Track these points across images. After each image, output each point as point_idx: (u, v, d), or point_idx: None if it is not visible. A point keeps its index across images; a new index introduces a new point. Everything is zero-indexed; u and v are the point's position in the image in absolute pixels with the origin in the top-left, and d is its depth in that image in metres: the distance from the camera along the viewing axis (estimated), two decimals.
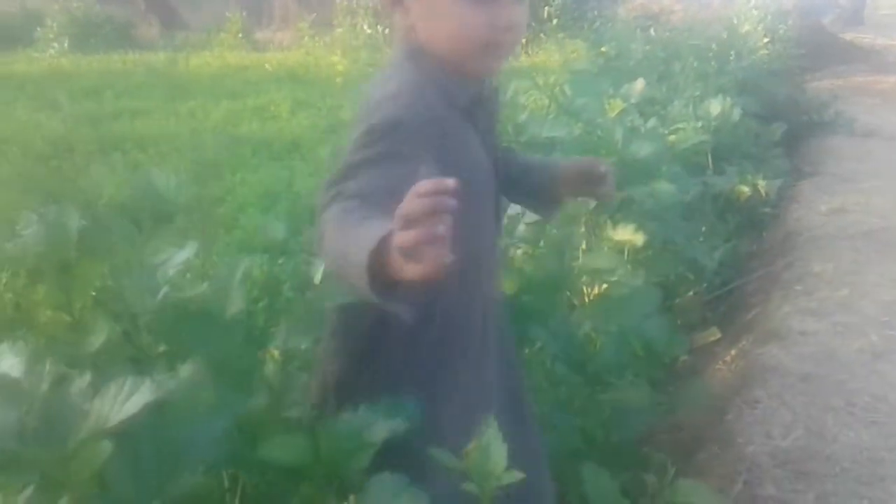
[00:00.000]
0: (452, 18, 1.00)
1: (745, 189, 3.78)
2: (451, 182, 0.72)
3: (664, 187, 2.63)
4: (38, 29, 12.44)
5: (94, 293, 1.52)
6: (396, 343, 1.14)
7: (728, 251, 3.24)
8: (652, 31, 7.20)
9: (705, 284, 3.04)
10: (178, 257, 1.33)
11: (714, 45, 5.54)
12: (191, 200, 1.45)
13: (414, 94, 1.04)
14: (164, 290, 1.29)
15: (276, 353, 1.77)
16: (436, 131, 1.02)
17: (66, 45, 11.87)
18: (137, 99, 7.49)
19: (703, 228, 3.33)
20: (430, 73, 1.06)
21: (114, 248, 1.37)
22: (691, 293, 2.97)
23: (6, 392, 0.90)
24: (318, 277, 1.65)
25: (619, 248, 2.57)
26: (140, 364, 1.39)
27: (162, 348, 1.54)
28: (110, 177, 4.77)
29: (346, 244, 0.87)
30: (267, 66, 9.87)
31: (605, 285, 2.26)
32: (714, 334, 2.78)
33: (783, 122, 4.95)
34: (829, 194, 3.94)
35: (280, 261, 3.20)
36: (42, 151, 5.31)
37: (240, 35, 13.15)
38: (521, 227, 2.09)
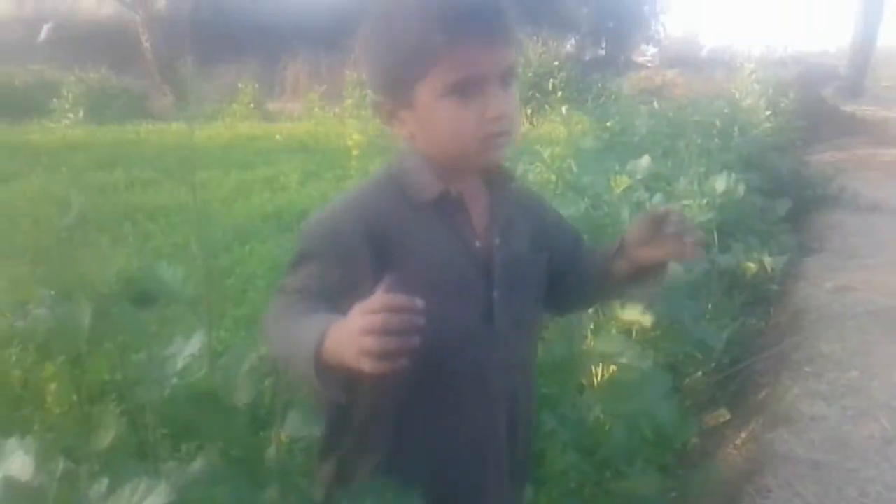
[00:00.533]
0: (444, 121, 1.04)
1: (752, 266, 3.79)
2: (419, 304, 0.80)
3: (671, 266, 2.63)
4: (54, 99, 12.73)
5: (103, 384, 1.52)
6: (383, 437, 1.16)
7: (736, 330, 3.23)
8: (655, 104, 7.35)
9: (714, 364, 3.03)
10: (187, 348, 1.34)
11: (717, 122, 5.64)
12: (198, 290, 1.47)
13: (356, 196, 1.13)
14: (173, 381, 1.30)
15: (283, 437, 1.77)
16: (371, 230, 1.06)
17: (81, 115, 12.13)
18: (150, 169, 7.61)
19: (710, 306, 3.33)
20: (400, 172, 1.12)
21: (124, 340, 1.39)
22: (700, 373, 2.95)
23: (19, 495, 0.90)
24: None
25: (627, 328, 2.58)
26: (147, 457, 1.39)
27: (170, 441, 1.53)
28: (121, 248, 4.83)
29: (291, 336, 0.95)
30: (277, 136, 10.06)
31: (614, 367, 2.26)
32: (723, 416, 2.75)
33: (787, 196, 5.00)
34: (835, 271, 3.95)
35: None
36: (55, 222, 5.37)
37: (251, 105, 13.46)
38: None
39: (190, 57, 16.01)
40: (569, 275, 1.29)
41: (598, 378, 2.24)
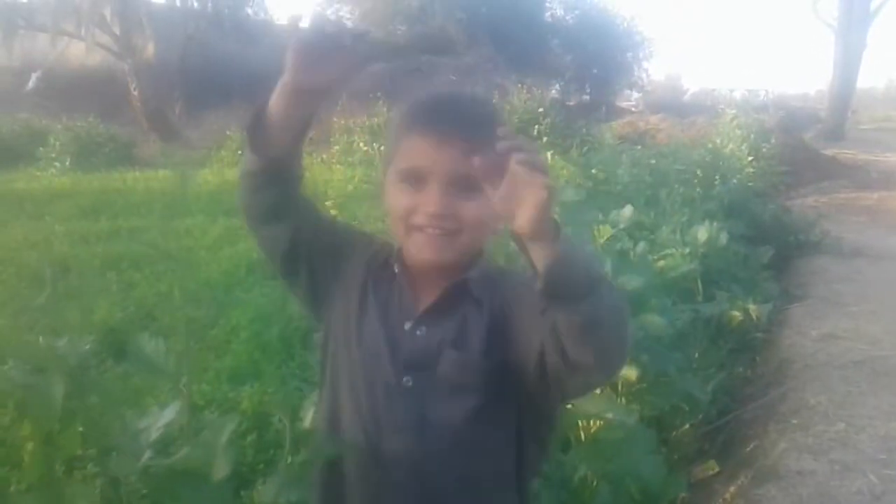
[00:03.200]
0: (390, 201, 1.14)
1: (737, 314, 3.81)
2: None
3: (654, 320, 2.64)
4: (41, 148, 12.72)
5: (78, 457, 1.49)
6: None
7: (722, 380, 3.22)
8: (639, 150, 7.44)
9: (701, 416, 3.01)
10: (162, 419, 1.31)
11: (699, 170, 5.71)
12: (180, 358, 1.45)
13: (370, 236, 1.32)
14: (148, 454, 1.28)
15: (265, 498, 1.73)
16: (360, 254, 1.25)
17: (67, 163, 12.12)
18: (135, 217, 7.59)
19: (696, 355, 3.32)
20: (392, 237, 1.22)
21: (98, 411, 1.36)
22: (687, 426, 2.93)
23: None
24: (307, 419, 1.64)
25: (612, 382, 2.57)
26: None
27: None
28: (105, 297, 4.79)
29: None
30: None
31: (599, 423, 2.24)
32: (712, 468, 2.73)
33: (770, 243, 5.05)
34: (820, 319, 3.96)
35: (271, 390, 3.17)
36: (37, 272, 5.33)
37: (239, 152, 13.49)
38: None
39: (178, 104, 16.17)
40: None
41: (584, 435, 2.22)
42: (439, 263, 1.13)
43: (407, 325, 1.15)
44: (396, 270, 1.18)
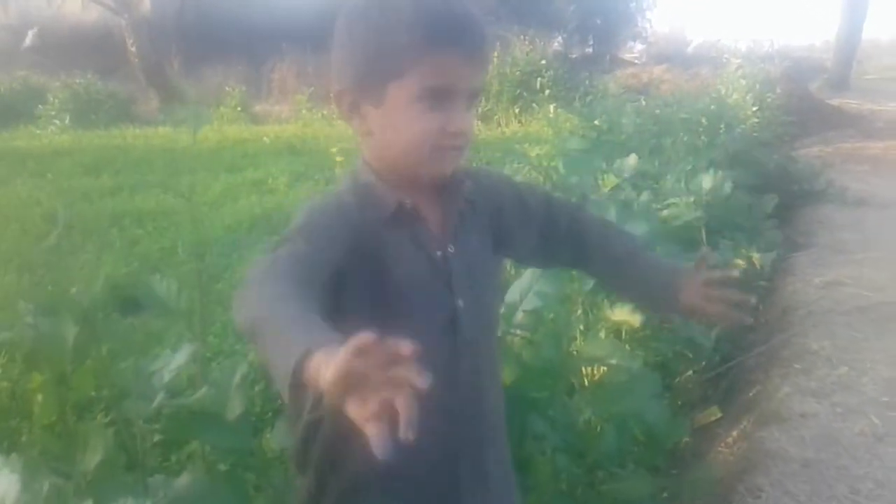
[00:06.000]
0: (407, 124, 1.04)
1: (741, 262, 3.81)
2: (408, 351, 0.66)
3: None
4: (40, 105, 12.66)
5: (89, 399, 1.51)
6: (353, 454, 1.09)
7: (725, 327, 3.24)
8: (642, 101, 7.36)
9: (704, 362, 3.03)
10: (175, 362, 1.32)
11: (704, 119, 5.65)
12: (190, 300, 1.46)
13: (333, 201, 1.11)
14: (161, 396, 1.29)
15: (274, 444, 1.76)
16: (348, 233, 1.05)
17: (67, 121, 12.07)
18: (136, 174, 7.58)
19: None
20: (358, 187, 1.12)
21: (111, 351, 1.37)
22: (690, 372, 2.96)
23: None
24: None
25: (616, 328, 2.58)
26: (135, 469, 1.38)
27: (159, 450, 1.52)
28: (108, 253, 4.81)
29: (275, 332, 0.83)
30: (265, 139, 10.03)
31: (603, 369, 2.26)
32: (714, 414, 2.76)
33: (775, 192, 5.01)
34: (824, 267, 3.96)
35: None
36: (41, 229, 5.34)
37: (239, 108, 13.41)
38: (519, 314, 2.09)
39: (176, 60, 15.97)
40: (570, 235, 1.30)
41: (588, 380, 2.24)
42: (447, 177, 1.12)
43: (438, 253, 1.12)
44: (408, 205, 1.09)
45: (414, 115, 1.04)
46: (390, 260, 1.07)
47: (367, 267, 1.04)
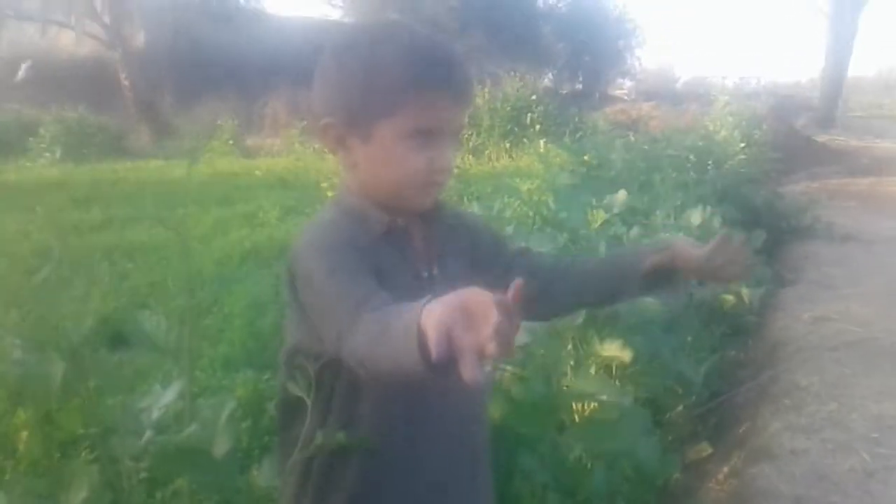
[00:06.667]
0: (397, 161, 1.08)
1: (730, 297, 3.83)
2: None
3: (648, 302, 2.66)
4: (31, 139, 12.66)
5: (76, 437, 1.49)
6: (348, 480, 1.14)
7: (715, 363, 3.24)
8: (632, 137, 7.45)
9: (694, 397, 3.03)
10: (163, 399, 1.32)
11: (692, 155, 5.72)
12: (178, 337, 1.46)
13: (328, 223, 1.14)
14: (149, 433, 1.28)
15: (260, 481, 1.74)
16: (354, 245, 1.08)
17: (58, 154, 12.08)
18: (127, 208, 7.57)
19: (689, 339, 3.34)
20: (348, 209, 1.14)
21: (98, 388, 1.37)
22: (680, 407, 2.95)
23: None
24: None
25: (606, 364, 2.58)
26: None
27: (145, 487, 1.50)
28: (98, 287, 4.78)
29: (386, 328, 0.84)
30: (257, 172, 10.07)
31: (594, 405, 2.25)
32: (705, 450, 2.75)
33: (763, 228, 5.06)
34: (812, 302, 3.99)
35: (265, 377, 3.18)
36: (30, 263, 5.31)
37: (231, 142, 13.47)
38: None
39: (169, 94, 16.08)
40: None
41: (578, 416, 2.24)
42: (427, 209, 1.16)
43: (425, 273, 1.15)
44: (400, 224, 1.13)
45: (403, 153, 1.07)
46: (383, 275, 1.07)
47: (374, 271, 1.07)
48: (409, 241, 1.15)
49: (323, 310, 1.01)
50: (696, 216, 3.95)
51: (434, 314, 0.75)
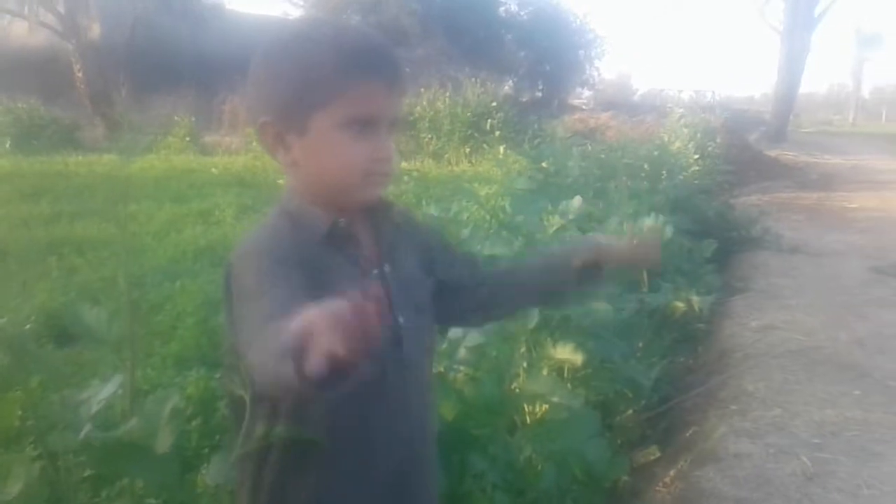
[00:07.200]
0: (335, 152, 1.07)
1: (680, 305, 3.89)
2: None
3: (601, 306, 2.68)
4: None
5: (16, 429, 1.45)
6: (301, 483, 1.13)
7: (665, 368, 3.30)
8: (589, 146, 7.53)
9: (644, 402, 3.07)
10: (103, 392, 1.29)
11: (646, 165, 5.81)
12: (123, 331, 1.43)
13: (268, 229, 1.12)
14: (88, 427, 1.25)
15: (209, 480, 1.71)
16: (293, 255, 1.05)
17: (7, 145, 11.77)
18: (78, 202, 7.40)
19: (641, 344, 3.39)
20: (289, 212, 1.13)
21: (40, 382, 1.33)
22: (630, 411, 2.99)
23: None
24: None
25: (559, 366, 2.61)
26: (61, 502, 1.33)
27: (90, 485, 1.47)
28: (45, 282, 4.66)
29: (271, 341, 0.82)
30: (214, 169, 9.93)
31: (545, 406, 2.27)
32: (653, 453, 2.79)
33: (714, 238, 5.16)
34: (759, 311, 4.08)
35: (217, 375, 3.14)
36: None
37: (187, 138, 13.27)
38: (462, 351, 2.10)
39: (124, 87, 15.76)
40: (467, 289, 1.32)
41: (530, 418, 2.25)
42: (375, 201, 1.15)
43: (375, 271, 1.14)
44: (342, 224, 1.10)
45: (341, 144, 1.06)
46: (328, 278, 1.06)
47: (310, 284, 1.02)
48: (354, 240, 1.14)
49: (242, 321, 0.99)
50: (648, 224, 4.01)
51: (295, 322, 0.74)
